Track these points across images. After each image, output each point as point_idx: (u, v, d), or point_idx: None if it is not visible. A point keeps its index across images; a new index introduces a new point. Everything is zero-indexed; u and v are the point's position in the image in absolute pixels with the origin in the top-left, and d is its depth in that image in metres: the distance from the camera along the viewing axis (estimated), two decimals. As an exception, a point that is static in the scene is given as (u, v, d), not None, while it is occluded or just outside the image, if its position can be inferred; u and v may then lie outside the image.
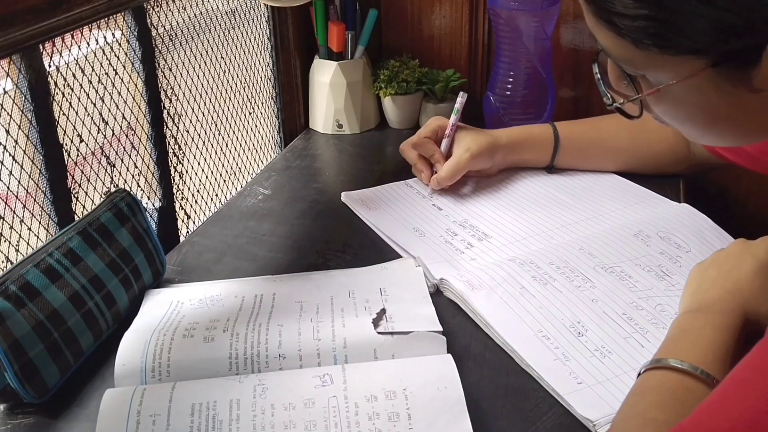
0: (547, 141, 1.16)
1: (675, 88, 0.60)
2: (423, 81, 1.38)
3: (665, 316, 0.85)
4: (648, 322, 0.84)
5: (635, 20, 0.57)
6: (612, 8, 0.58)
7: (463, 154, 1.12)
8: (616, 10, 0.58)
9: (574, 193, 1.13)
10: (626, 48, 0.60)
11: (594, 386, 0.75)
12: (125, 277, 0.85)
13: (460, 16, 1.39)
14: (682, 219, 1.02)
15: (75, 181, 0.93)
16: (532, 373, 0.78)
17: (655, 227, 1.00)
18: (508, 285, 0.89)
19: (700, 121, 0.64)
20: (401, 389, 0.71)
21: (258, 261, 1.00)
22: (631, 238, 0.98)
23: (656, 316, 0.85)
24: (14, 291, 0.73)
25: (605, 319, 0.84)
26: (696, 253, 0.95)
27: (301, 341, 0.78)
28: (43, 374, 0.74)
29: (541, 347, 0.80)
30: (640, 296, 0.88)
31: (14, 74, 0.83)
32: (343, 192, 1.15)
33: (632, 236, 0.99)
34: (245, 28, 1.29)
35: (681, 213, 1.04)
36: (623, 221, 1.04)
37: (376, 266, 0.95)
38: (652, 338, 0.81)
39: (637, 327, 0.83)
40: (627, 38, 0.59)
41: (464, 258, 0.98)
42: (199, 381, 0.73)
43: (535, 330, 0.83)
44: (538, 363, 0.78)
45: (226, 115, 1.26)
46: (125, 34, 1.00)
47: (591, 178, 1.17)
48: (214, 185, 1.24)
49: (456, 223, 1.07)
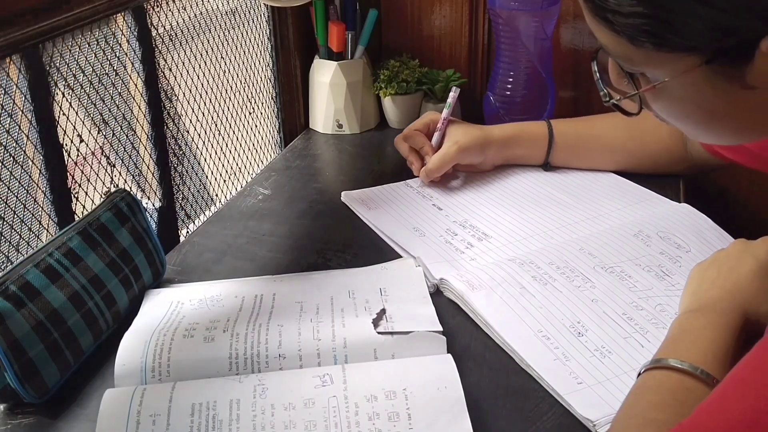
0: (541, 137, 1.16)
1: (671, 84, 0.61)
2: (423, 81, 1.38)
3: (665, 316, 0.85)
4: (648, 322, 0.84)
5: (629, 17, 0.58)
6: (607, 6, 0.59)
7: (451, 147, 1.13)
8: (611, 7, 0.58)
9: (574, 193, 1.13)
10: (623, 45, 0.60)
11: (594, 386, 0.75)
12: (125, 277, 0.85)
13: (460, 16, 1.39)
14: (682, 219, 1.02)
15: (75, 181, 0.93)
16: (532, 373, 0.78)
17: (655, 227, 1.00)
18: (508, 285, 0.89)
19: (698, 119, 0.64)
20: (401, 389, 0.71)
21: (258, 261, 1.00)
22: (631, 238, 0.98)
23: (656, 316, 0.85)
24: (14, 291, 0.73)
25: (605, 319, 0.84)
26: (696, 252, 0.95)
27: (301, 341, 0.78)
28: (43, 374, 0.74)
29: (541, 347, 0.80)
30: (640, 296, 0.88)
31: (14, 74, 0.83)
32: (343, 191, 1.15)
33: (632, 236, 0.99)
34: (245, 28, 1.29)
35: (681, 213, 1.04)
36: (623, 221, 1.04)
37: (376, 266, 0.95)
38: (652, 338, 0.81)
39: (637, 327, 0.83)
40: (623, 35, 0.59)
41: (464, 258, 0.98)
42: (199, 381, 0.73)
43: (535, 330, 0.83)
44: (538, 363, 0.78)
45: (226, 115, 1.26)
46: (125, 34, 1.00)
47: (590, 178, 1.17)
48: (214, 185, 1.24)
49: (456, 223, 1.07)
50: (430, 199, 1.13)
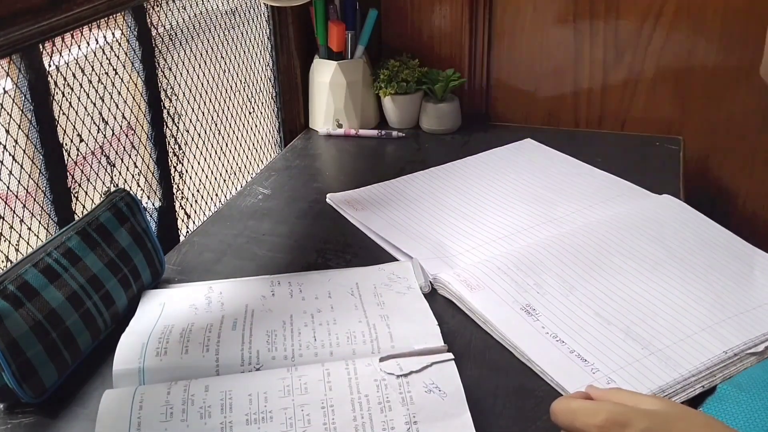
0: None
1: None
2: (423, 81, 1.38)
3: (662, 306, 0.85)
4: (644, 314, 0.84)
5: None
6: None
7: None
8: None
9: (559, 189, 1.15)
10: None
11: (600, 380, 0.75)
12: (124, 277, 0.85)
13: (460, 16, 1.39)
14: (666, 209, 1.04)
15: (75, 180, 0.93)
16: (536, 369, 0.78)
17: (642, 218, 1.02)
18: (505, 283, 0.90)
19: None
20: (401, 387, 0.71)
21: (258, 260, 1.00)
22: (620, 230, 0.99)
23: (651, 308, 0.85)
24: (12, 291, 0.73)
25: (603, 314, 0.85)
26: (681, 242, 0.97)
27: (301, 341, 0.78)
28: (41, 374, 0.74)
29: (545, 343, 0.81)
30: (634, 290, 0.89)
31: (14, 74, 0.83)
32: (329, 194, 1.15)
33: (621, 228, 0.99)
34: (245, 27, 1.29)
35: (664, 204, 1.06)
36: (611, 213, 1.05)
37: (375, 267, 0.94)
38: (650, 330, 0.82)
39: (635, 319, 0.84)
40: None
41: (457, 254, 0.98)
42: (198, 381, 0.73)
43: (537, 327, 0.83)
44: (542, 359, 0.79)
45: (226, 114, 1.26)
46: (125, 33, 1.00)
47: (574, 174, 1.19)
48: (214, 185, 1.24)
49: (448, 219, 1.07)
50: (419, 198, 1.13)
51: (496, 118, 1.44)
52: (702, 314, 0.84)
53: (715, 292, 0.88)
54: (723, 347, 0.79)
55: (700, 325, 0.82)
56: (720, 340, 0.80)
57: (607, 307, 0.86)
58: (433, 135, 1.39)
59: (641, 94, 1.35)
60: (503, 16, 1.37)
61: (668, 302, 0.86)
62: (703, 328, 0.82)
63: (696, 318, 0.84)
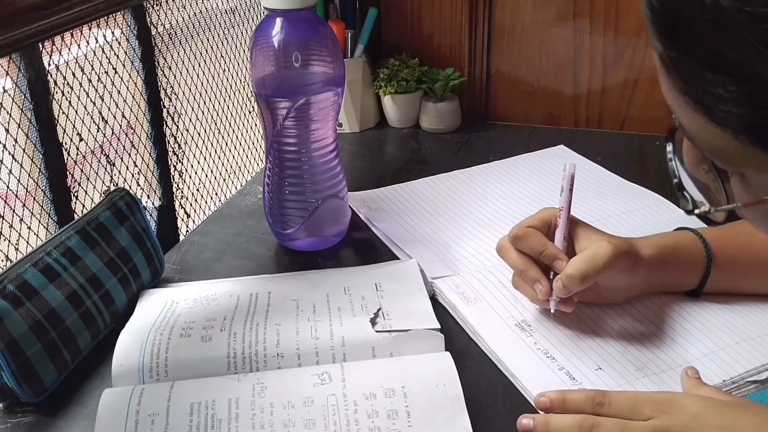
0: (697, 256, 0.83)
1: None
2: (423, 80, 1.38)
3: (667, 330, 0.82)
4: (645, 337, 0.81)
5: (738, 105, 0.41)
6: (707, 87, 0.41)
7: (604, 246, 0.77)
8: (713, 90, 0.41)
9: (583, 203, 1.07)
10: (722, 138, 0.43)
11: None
12: (124, 277, 0.85)
13: (460, 15, 1.39)
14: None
15: (75, 180, 0.93)
16: (518, 385, 0.76)
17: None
18: (504, 298, 0.88)
19: None
20: (400, 387, 0.71)
21: (257, 260, 1.00)
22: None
23: (654, 332, 0.82)
24: (12, 290, 0.73)
25: (600, 332, 0.82)
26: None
27: (299, 340, 0.78)
28: (41, 374, 0.74)
29: (534, 359, 0.78)
30: (639, 309, 0.85)
31: (14, 73, 0.83)
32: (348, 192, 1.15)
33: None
34: (245, 26, 1.29)
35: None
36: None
37: (372, 265, 0.95)
38: (648, 353, 0.79)
39: (632, 340, 0.80)
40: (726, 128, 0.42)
41: (461, 258, 0.98)
42: (198, 380, 0.73)
43: (530, 343, 0.81)
44: (526, 376, 0.76)
45: (225, 113, 1.26)
46: (125, 32, 1.00)
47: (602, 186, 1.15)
48: (214, 184, 1.24)
49: (452, 223, 1.06)
50: (428, 201, 1.13)
51: (495, 117, 1.44)
52: (706, 341, 0.80)
53: (720, 319, 0.83)
54: (724, 375, 0.75)
55: (703, 351, 0.78)
56: (721, 367, 0.76)
57: (606, 326, 0.83)
58: (432, 134, 1.39)
59: (641, 93, 1.35)
60: (503, 15, 1.37)
61: (673, 327, 0.82)
62: (706, 353, 0.78)
63: (701, 343, 0.80)
